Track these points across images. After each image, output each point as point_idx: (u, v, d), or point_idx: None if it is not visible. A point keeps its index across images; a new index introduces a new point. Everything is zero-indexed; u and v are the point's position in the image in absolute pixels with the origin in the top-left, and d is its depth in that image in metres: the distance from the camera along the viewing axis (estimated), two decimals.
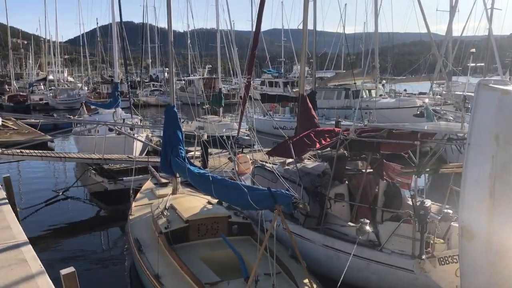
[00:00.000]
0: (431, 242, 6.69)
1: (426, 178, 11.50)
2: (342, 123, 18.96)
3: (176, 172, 9.00)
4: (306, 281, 6.19)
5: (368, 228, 6.92)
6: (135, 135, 17.35)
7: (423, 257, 6.48)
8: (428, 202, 6.63)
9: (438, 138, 7.55)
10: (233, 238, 7.47)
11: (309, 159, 10.66)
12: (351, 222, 8.02)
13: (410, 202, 8.17)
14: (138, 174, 11.55)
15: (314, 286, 6.07)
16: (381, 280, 7.00)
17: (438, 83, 26.01)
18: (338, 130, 8.94)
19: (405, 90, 32.89)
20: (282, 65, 58.65)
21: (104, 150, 14.73)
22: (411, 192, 7.95)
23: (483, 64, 25.49)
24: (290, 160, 9.82)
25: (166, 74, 51.79)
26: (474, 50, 21.12)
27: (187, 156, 9.02)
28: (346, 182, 8.77)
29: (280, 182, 7.14)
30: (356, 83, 26.16)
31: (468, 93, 16.49)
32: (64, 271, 5.10)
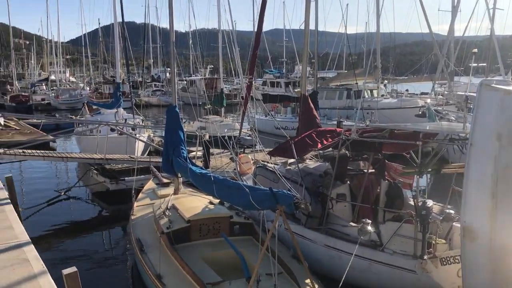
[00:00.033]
0: (433, 242, 6.69)
1: (428, 178, 11.45)
2: (344, 123, 18.97)
3: (178, 172, 9.01)
4: (307, 281, 6.19)
5: (370, 228, 6.92)
6: (137, 135, 17.36)
7: (425, 257, 6.47)
8: (430, 202, 6.63)
9: (440, 138, 7.55)
10: (234, 238, 7.47)
11: (310, 159, 10.65)
12: (353, 222, 8.01)
13: (412, 202, 8.17)
14: (140, 174, 11.56)
15: (316, 286, 6.06)
16: (382, 280, 6.99)
17: (440, 83, 25.98)
18: (340, 130, 8.94)
19: (407, 90, 32.84)
20: (284, 65, 58.70)
21: (106, 150, 14.73)
22: (413, 192, 7.95)
23: (485, 64, 25.44)
24: (292, 160, 9.83)
25: (168, 74, 51.90)
26: (476, 50, 21.09)
27: (189, 156, 9.04)
28: (348, 182, 8.76)
29: (281, 182, 7.13)
30: (358, 83, 26.10)
31: (470, 93, 16.47)
32: (66, 271, 5.11)
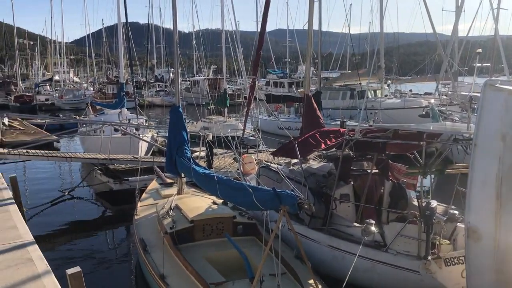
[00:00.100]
0: (437, 243, 6.66)
1: (431, 179, 11.44)
2: (347, 124, 18.94)
3: (181, 172, 9.02)
4: (311, 281, 6.18)
5: (373, 228, 6.90)
6: (141, 136, 17.41)
7: (429, 258, 6.44)
8: (434, 203, 6.60)
9: (444, 139, 7.51)
10: (238, 238, 7.47)
11: (314, 160, 10.63)
12: (357, 222, 7.99)
13: (415, 203, 8.14)
14: (143, 174, 11.56)
15: (319, 286, 6.05)
16: (386, 281, 6.97)
17: (443, 84, 25.91)
18: (343, 130, 8.92)
19: (410, 91, 32.81)
20: (287, 65, 58.76)
21: (109, 150, 14.78)
22: (417, 192, 7.92)
23: (489, 64, 25.36)
24: (295, 160, 9.81)
25: (171, 75, 51.90)
26: (480, 50, 21.04)
27: (192, 156, 9.04)
28: (352, 182, 8.75)
29: (285, 183, 7.12)
30: (361, 84, 26.12)
31: (474, 93, 16.43)
32: (70, 271, 5.12)
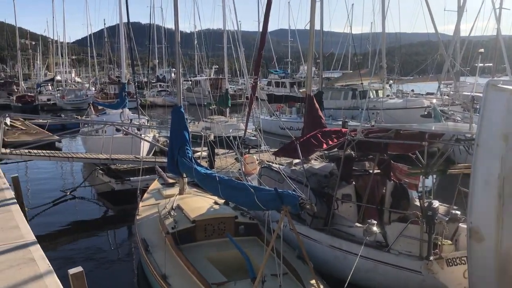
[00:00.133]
0: (439, 243, 6.65)
1: (433, 179, 11.41)
2: (349, 124, 18.94)
3: (183, 172, 9.02)
4: (313, 281, 6.18)
5: (375, 229, 6.90)
6: (142, 136, 17.41)
7: (431, 258, 6.43)
8: (436, 203, 6.59)
9: (446, 139, 7.51)
10: (239, 238, 7.46)
11: (316, 160, 10.63)
12: (358, 223, 7.99)
13: (417, 203, 8.14)
14: (145, 174, 11.59)
15: (321, 287, 6.05)
16: (388, 281, 6.96)
17: (445, 84, 25.87)
18: (345, 130, 8.91)
19: (412, 91, 32.75)
20: (289, 65, 58.64)
21: (111, 150, 14.79)
22: (419, 193, 7.91)
23: (491, 64, 25.32)
24: (297, 160, 9.81)
25: (173, 75, 52.02)
26: (482, 50, 21.00)
27: (194, 156, 9.04)
28: (353, 182, 8.73)
29: (287, 183, 7.12)
30: (363, 84, 26.09)
31: (476, 93, 16.41)
32: (72, 271, 5.12)
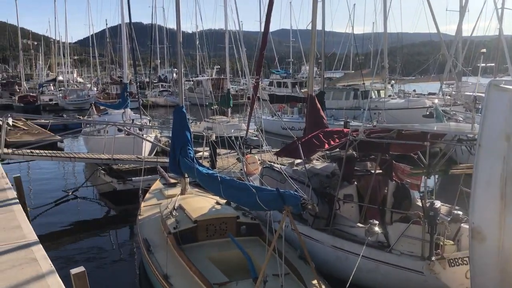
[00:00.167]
0: (441, 243, 6.64)
1: (435, 179, 11.38)
2: (351, 124, 18.89)
3: (184, 172, 9.02)
4: (314, 282, 6.17)
5: (377, 229, 6.89)
6: (144, 136, 17.43)
7: (433, 258, 6.43)
8: (437, 203, 6.59)
9: (448, 139, 7.50)
10: (241, 238, 7.46)
11: (317, 160, 10.63)
12: (360, 223, 7.98)
13: (419, 203, 8.13)
14: (147, 174, 11.59)
15: (323, 287, 6.04)
16: (390, 281, 6.95)
17: (447, 84, 25.83)
18: (347, 130, 8.90)
19: (414, 91, 32.73)
20: (291, 65, 58.64)
21: (113, 150, 14.81)
22: (421, 193, 7.90)
23: (494, 64, 25.26)
24: (299, 160, 9.81)
25: (175, 75, 52.08)
26: (484, 50, 20.93)
27: (196, 156, 9.05)
28: (355, 183, 8.73)
29: (288, 183, 7.12)
30: (365, 84, 26.05)
31: (478, 93, 16.37)
32: (74, 271, 5.13)
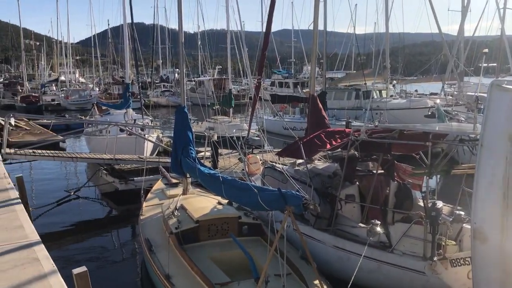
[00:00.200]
0: (443, 243, 6.64)
1: (437, 180, 11.39)
2: (353, 124, 18.91)
3: (186, 172, 9.04)
4: (316, 282, 6.17)
5: (379, 229, 6.89)
6: (146, 136, 17.44)
7: (435, 258, 6.43)
8: (439, 204, 6.58)
9: (450, 139, 7.49)
10: (243, 238, 7.46)
11: (319, 160, 10.62)
12: (362, 223, 7.97)
13: (421, 203, 8.11)
14: (148, 174, 11.61)
15: (325, 287, 6.04)
16: (392, 281, 6.95)
17: (449, 84, 25.80)
18: (348, 131, 8.90)
19: (416, 91, 32.71)
20: (292, 65, 58.68)
21: (115, 150, 14.83)
22: (423, 193, 7.89)
23: (496, 64, 25.22)
24: (300, 160, 9.80)
25: (177, 75, 52.06)
26: (486, 50, 20.92)
27: (198, 156, 9.06)
28: (357, 183, 8.73)
29: (290, 183, 7.12)
30: (366, 84, 26.06)
31: (480, 93, 16.36)
32: (76, 271, 5.13)
